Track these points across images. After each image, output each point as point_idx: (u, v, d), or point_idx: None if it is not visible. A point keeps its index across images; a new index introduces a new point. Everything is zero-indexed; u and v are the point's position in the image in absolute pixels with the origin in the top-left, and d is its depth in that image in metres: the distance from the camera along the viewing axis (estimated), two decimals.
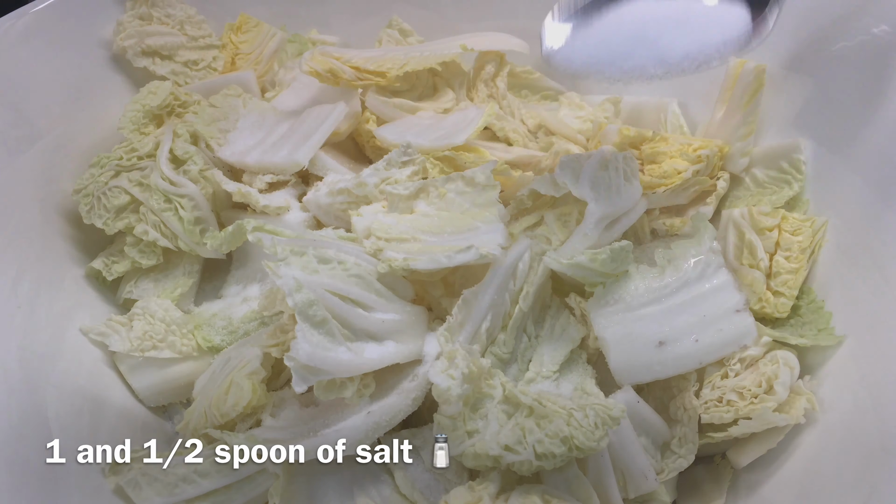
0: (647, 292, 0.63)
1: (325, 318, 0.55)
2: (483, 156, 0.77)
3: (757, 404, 0.61)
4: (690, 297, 0.62)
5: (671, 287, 0.62)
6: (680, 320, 0.61)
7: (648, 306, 0.62)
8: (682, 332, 0.61)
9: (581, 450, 0.53)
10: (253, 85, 0.92)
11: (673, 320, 0.61)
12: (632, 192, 0.70)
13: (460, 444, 0.55)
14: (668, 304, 0.62)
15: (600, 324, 0.62)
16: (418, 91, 0.90)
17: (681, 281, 0.62)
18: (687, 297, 0.62)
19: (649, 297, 0.62)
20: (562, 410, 0.55)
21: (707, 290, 0.62)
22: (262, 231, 0.60)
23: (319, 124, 0.80)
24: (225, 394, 0.64)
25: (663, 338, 0.61)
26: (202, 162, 0.78)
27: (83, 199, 0.79)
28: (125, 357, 0.74)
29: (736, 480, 0.66)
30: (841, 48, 0.72)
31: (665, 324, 0.61)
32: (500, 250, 0.61)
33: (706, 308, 0.62)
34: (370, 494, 0.59)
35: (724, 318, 0.62)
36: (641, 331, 0.61)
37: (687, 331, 0.61)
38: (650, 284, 0.63)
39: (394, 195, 0.69)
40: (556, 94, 0.98)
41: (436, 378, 0.54)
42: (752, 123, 0.79)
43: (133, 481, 0.62)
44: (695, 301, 0.62)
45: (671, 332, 0.61)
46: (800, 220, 0.70)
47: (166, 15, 0.94)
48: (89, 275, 0.81)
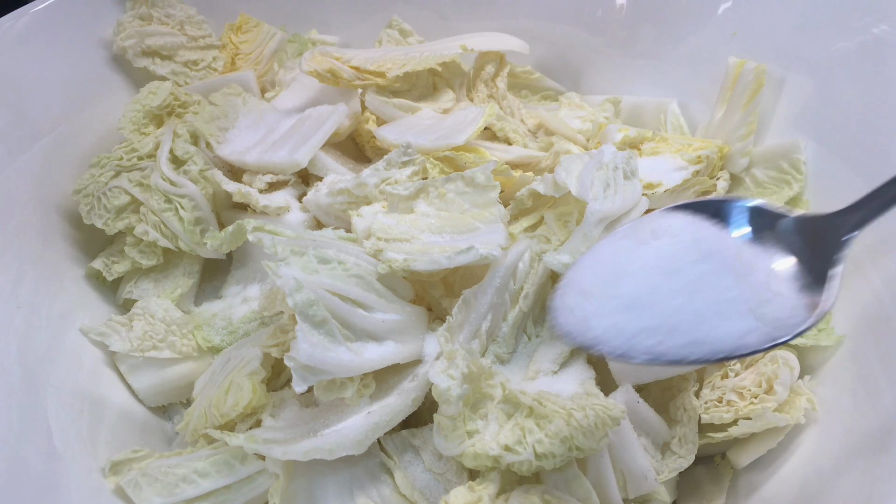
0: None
1: (325, 318, 0.55)
2: (483, 156, 0.77)
3: (757, 404, 0.61)
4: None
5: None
6: None
7: None
8: None
9: (581, 450, 0.53)
10: (253, 85, 0.92)
11: None
12: (632, 192, 0.69)
13: (460, 444, 0.55)
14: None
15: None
16: (418, 91, 0.90)
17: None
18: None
19: None
20: (562, 410, 0.55)
21: None
22: (262, 231, 0.60)
23: (319, 124, 0.80)
24: (225, 394, 0.64)
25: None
26: (202, 162, 0.78)
27: (83, 199, 0.79)
28: (125, 357, 0.74)
29: (736, 480, 0.65)
30: (841, 48, 0.72)
31: None
32: (499, 251, 0.61)
33: None
34: (370, 494, 0.58)
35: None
36: None
37: None
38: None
39: (394, 195, 0.69)
40: (556, 94, 0.98)
41: (436, 378, 0.54)
42: (752, 123, 0.79)
43: (133, 481, 0.62)
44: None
45: None
46: None
47: (166, 15, 0.94)
48: (89, 275, 0.81)
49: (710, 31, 0.86)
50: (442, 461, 0.59)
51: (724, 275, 0.46)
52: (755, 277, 0.46)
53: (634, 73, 0.95)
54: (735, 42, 0.83)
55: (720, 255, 0.47)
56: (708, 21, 0.87)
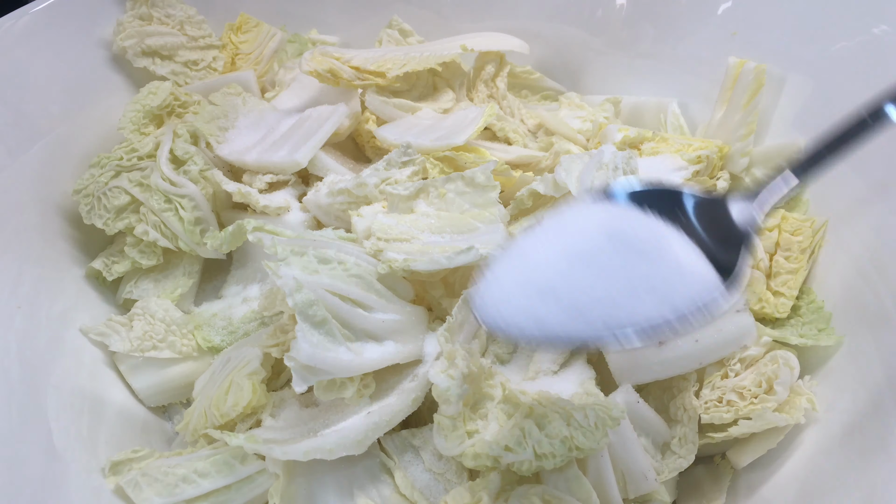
0: None
1: (325, 318, 0.55)
2: (483, 156, 0.77)
3: (757, 404, 0.61)
4: None
5: None
6: None
7: None
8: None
9: (581, 450, 0.53)
10: (253, 85, 0.92)
11: None
12: None
13: (460, 444, 0.55)
14: None
15: None
16: (418, 91, 0.90)
17: None
18: None
19: None
20: (562, 410, 0.55)
21: None
22: (262, 231, 0.60)
23: (319, 125, 0.80)
24: (225, 394, 0.64)
25: (663, 338, 0.61)
26: (202, 162, 0.78)
27: (83, 199, 0.79)
28: (125, 357, 0.74)
29: (736, 480, 0.65)
30: (841, 48, 0.72)
31: None
32: (499, 251, 0.61)
33: None
34: (370, 494, 0.58)
35: (724, 318, 0.62)
36: None
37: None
38: None
39: (394, 195, 0.69)
40: (556, 94, 0.98)
41: (436, 378, 0.54)
42: (752, 123, 0.79)
43: (133, 481, 0.62)
44: None
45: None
46: (800, 220, 0.70)
47: (166, 15, 0.94)
48: (89, 275, 0.81)
49: (710, 31, 0.86)
50: (442, 461, 0.59)
51: (636, 258, 0.47)
52: (668, 259, 0.47)
53: (634, 73, 0.95)
54: (735, 42, 0.83)
55: (633, 239, 0.48)
56: (708, 21, 0.86)
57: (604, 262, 0.47)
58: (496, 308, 0.46)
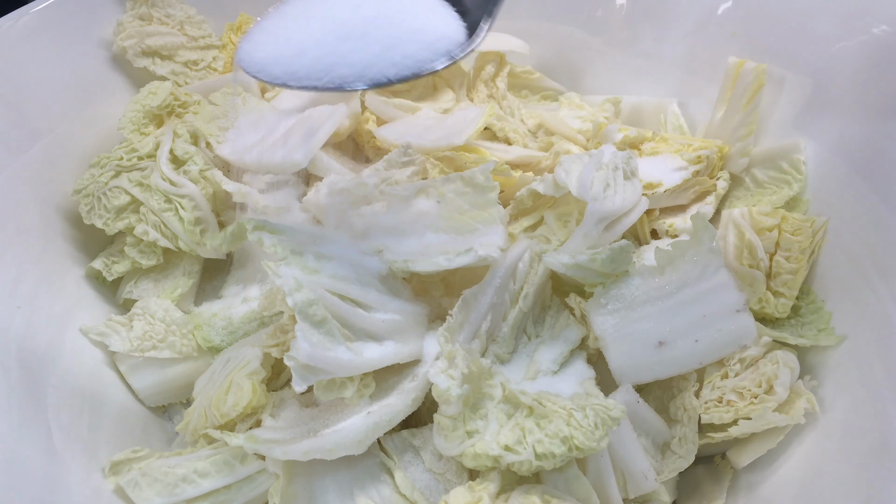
0: (646, 292, 0.62)
1: (324, 317, 0.55)
2: (483, 156, 0.77)
3: (757, 404, 0.61)
4: (690, 297, 0.62)
5: (671, 287, 0.62)
6: (680, 320, 0.61)
7: (648, 306, 0.62)
8: (681, 333, 0.61)
9: (581, 450, 0.53)
10: (253, 85, 0.92)
11: (673, 320, 0.61)
12: (632, 192, 0.70)
13: (460, 444, 0.55)
14: (668, 304, 0.62)
15: (600, 324, 0.62)
16: (418, 91, 0.90)
17: (681, 281, 0.62)
18: (687, 298, 0.62)
19: (649, 297, 0.62)
20: (562, 410, 0.55)
21: (707, 290, 0.62)
22: (262, 231, 0.60)
23: (320, 125, 0.80)
24: (225, 394, 0.64)
25: (663, 338, 0.61)
26: (202, 162, 0.79)
27: (83, 199, 0.79)
28: (125, 357, 0.74)
29: (736, 480, 0.65)
30: (841, 48, 0.72)
31: (665, 324, 0.61)
32: (499, 252, 0.61)
33: (706, 308, 0.61)
34: (370, 494, 0.58)
35: (723, 318, 0.62)
36: (641, 331, 0.61)
37: (687, 331, 0.61)
38: (650, 284, 0.63)
39: (394, 195, 0.69)
40: (556, 94, 0.98)
41: (436, 378, 0.54)
42: (752, 123, 0.79)
43: (133, 481, 0.62)
44: (695, 301, 0.62)
45: (671, 332, 0.61)
46: (800, 220, 0.70)
47: (166, 15, 0.94)
48: (89, 275, 0.81)
49: (710, 31, 0.86)
50: (442, 461, 0.59)
51: (381, 23, 0.55)
52: (410, 22, 0.56)
53: (634, 73, 0.95)
54: (735, 42, 0.83)
55: (380, 5, 0.56)
56: (708, 21, 0.86)
57: (350, 28, 0.55)
58: (258, 55, 0.56)
